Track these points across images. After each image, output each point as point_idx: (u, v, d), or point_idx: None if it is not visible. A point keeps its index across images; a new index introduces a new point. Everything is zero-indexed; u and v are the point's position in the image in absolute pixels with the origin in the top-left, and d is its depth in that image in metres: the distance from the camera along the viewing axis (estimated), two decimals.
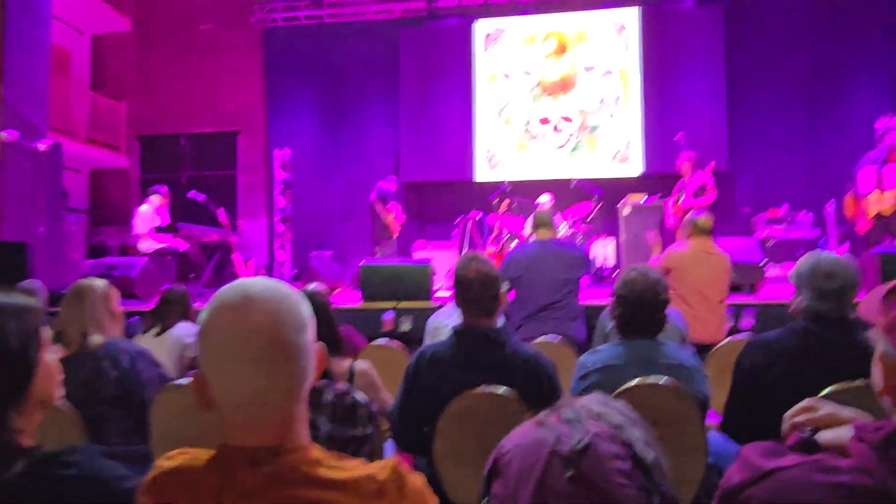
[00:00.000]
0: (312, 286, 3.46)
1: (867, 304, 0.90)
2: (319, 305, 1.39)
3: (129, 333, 3.33)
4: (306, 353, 0.89)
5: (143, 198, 7.03)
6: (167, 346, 2.95)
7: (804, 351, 1.94)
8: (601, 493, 0.96)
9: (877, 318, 0.87)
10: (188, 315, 3.15)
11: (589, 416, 1.05)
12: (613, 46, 8.86)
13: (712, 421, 2.23)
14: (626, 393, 1.92)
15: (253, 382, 0.84)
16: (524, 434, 1.09)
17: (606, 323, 2.98)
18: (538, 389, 1.99)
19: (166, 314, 3.09)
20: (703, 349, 3.16)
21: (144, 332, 3.10)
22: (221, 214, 6.47)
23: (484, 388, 1.97)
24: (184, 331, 3.04)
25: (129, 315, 5.03)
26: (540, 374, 2.03)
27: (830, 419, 1.14)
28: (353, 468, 0.87)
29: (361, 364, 2.12)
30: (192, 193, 6.63)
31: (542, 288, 3.68)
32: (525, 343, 2.35)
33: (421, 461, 2.14)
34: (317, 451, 0.88)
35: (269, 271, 8.61)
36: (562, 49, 8.98)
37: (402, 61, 9.22)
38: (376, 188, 7.78)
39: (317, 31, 9.39)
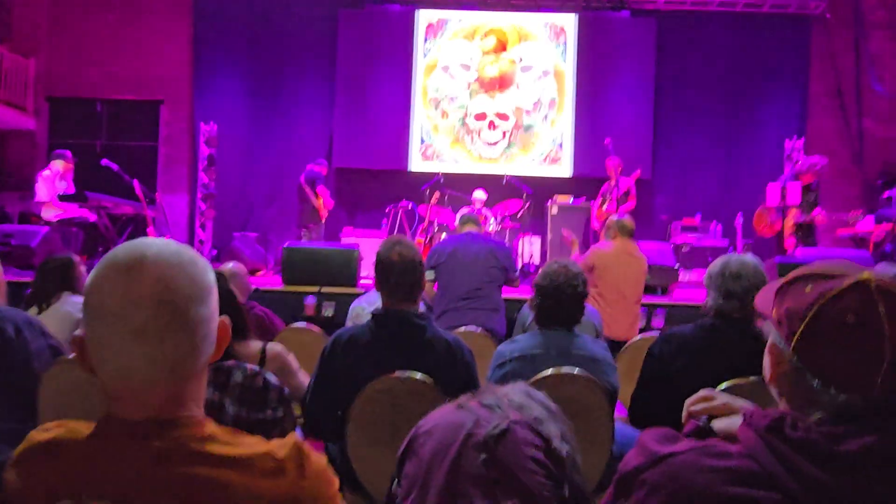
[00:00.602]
0: (229, 265, 3.34)
1: (762, 297, 0.95)
2: (222, 289, 1.29)
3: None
4: (202, 326, 0.80)
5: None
6: (55, 323, 2.60)
7: (709, 346, 2.05)
8: (513, 478, 0.97)
9: (770, 311, 0.91)
10: (74, 286, 2.85)
11: (510, 404, 1.05)
12: (551, 49, 9.03)
13: (620, 413, 2.32)
14: (541, 382, 1.96)
15: (133, 355, 0.76)
16: (442, 416, 1.08)
17: (527, 315, 3.04)
18: (455, 375, 1.99)
19: (47, 288, 2.79)
20: (615, 346, 3.28)
21: (26, 310, 2.78)
22: (136, 186, 6.10)
23: (400, 373, 1.95)
24: (73, 305, 2.75)
25: (24, 287, 4.68)
26: (458, 360, 2.03)
27: (725, 408, 1.20)
28: (249, 445, 0.81)
29: (274, 346, 2.03)
30: (106, 161, 6.21)
31: (465, 275, 3.69)
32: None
33: (333, 446, 2.10)
34: (211, 427, 0.81)
35: None
36: (501, 47, 9.06)
37: (340, 42, 9.01)
38: (306, 171, 7.58)
39: (252, 1, 9.01)
